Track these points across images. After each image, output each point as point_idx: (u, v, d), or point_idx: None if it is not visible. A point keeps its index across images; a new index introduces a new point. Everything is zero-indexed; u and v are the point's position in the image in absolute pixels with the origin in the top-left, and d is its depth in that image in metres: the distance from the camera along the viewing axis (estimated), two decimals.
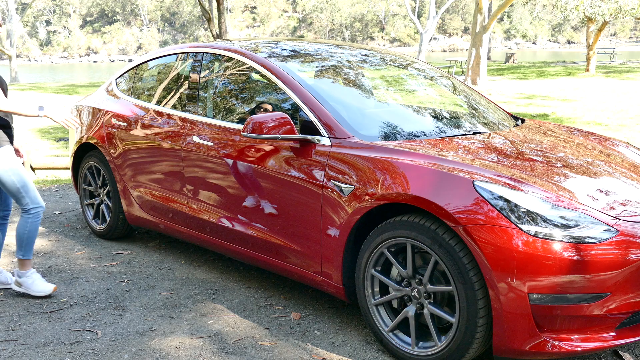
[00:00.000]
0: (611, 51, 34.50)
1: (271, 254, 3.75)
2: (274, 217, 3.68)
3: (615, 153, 3.82)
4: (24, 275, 4.02)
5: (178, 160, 4.28)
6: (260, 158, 3.74)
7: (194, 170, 4.18)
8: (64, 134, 11.88)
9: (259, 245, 3.81)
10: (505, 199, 2.80)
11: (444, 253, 2.87)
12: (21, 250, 4.01)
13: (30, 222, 4.00)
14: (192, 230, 4.31)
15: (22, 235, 4.00)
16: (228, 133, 4.00)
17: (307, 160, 3.47)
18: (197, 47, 4.63)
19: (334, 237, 3.33)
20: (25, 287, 4.02)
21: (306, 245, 3.51)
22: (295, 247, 3.58)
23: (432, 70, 4.86)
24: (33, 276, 4.02)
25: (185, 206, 4.31)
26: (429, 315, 3.04)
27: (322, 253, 3.42)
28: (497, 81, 22.02)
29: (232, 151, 3.91)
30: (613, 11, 22.02)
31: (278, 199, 3.63)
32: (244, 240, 3.89)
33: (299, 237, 3.54)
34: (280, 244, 3.67)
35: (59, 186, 7.32)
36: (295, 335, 3.47)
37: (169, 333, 3.51)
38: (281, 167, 3.60)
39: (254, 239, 3.82)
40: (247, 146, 3.83)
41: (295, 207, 3.54)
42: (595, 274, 2.69)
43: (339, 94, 4.05)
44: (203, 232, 4.21)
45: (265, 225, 3.75)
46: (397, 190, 3.06)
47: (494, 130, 3.96)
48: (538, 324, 2.75)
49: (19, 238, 4.00)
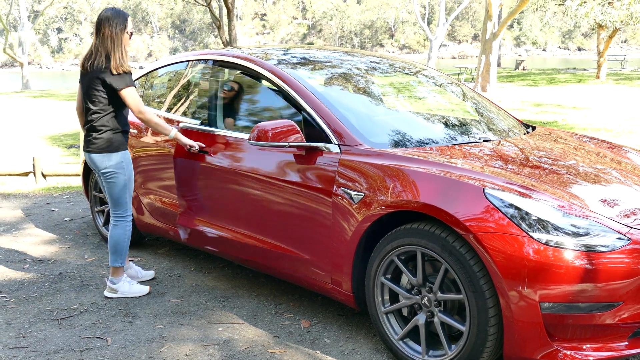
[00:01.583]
0: (622, 58, 34.36)
1: (281, 262, 3.74)
2: (283, 225, 3.67)
3: (626, 160, 3.80)
4: (119, 280, 4.13)
5: (188, 167, 4.28)
6: (268, 166, 3.74)
7: (203, 177, 4.18)
8: (74, 141, 11.93)
9: (268, 254, 3.80)
10: (516, 207, 2.79)
11: (455, 261, 2.86)
12: (120, 258, 4.14)
13: (128, 229, 4.15)
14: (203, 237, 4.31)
15: (121, 242, 4.13)
16: (237, 141, 4.00)
17: (317, 168, 3.47)
18: (207, 54, 4.64)
19: (343, 244, 3.32)
20: (122, 292, 4.13)
21: (316, 253, 3.50)
22: (306, 256, 3.57)
23: (441, 77, 4.85)
24: (127, 279, 4.17)
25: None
26: (439, 324, 3.03)
27: (332, 260, 3.41)
28: (507, 88, 21.97)
29: (240, 158, 3.91)
30: (624, 18, 21.93)
31: (287, 207, 3.62)
32: (254, 248, 3.89)
33: (309, 244, 3.53)
34: (291, 253, 3.65)
35: (69, 193, 7.35)
36: (305, 343, 3.46)
37: (178, 340, 3.51)
38: (290, 175, 3.59)
39: (264, 249, 3.81)
40: (255, 154, 3.83)
41: (304, 215, 3.53)
42: (607, 283, 2.66)
43: (348, 101, 4.05)
44: (214, 240, 4.21)
45: (274, 233, 3.74)
46: (407, 197, 3.05)
47: (504, 137, 3.94)
48: (549, 333, 2.73)
49: (117, 245, 4.12)
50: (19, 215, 6.30)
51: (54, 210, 6.50)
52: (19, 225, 5.94)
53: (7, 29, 33.30)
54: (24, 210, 6.53)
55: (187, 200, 4.36)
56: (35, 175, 8.13)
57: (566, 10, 23.70)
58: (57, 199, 7.00)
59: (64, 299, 4.13)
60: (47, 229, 5.81)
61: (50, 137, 12.80)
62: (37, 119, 15.99)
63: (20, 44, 34.77)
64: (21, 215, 6.32)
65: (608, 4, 22.45)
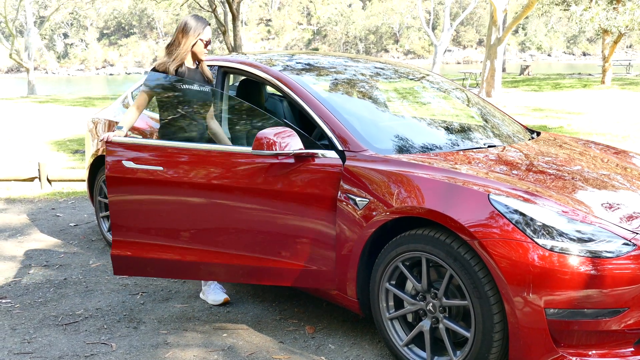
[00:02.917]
0: (627, 63, 34.31)
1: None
2: (286, 236, 3.54)
3: (631, 166, 3.79)
4: (206, 284, 4.17)
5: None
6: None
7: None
8: (79, 146, 11.96)
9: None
10: (520, 213, 2.78)
11: (459, 267, 2.85)
12: None
13: None
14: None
15: None
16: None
17: (321, 174, 3.44)
18: (212, 60, 4.65)
19: (348, 250, 3.32)
20: (204, 295, 4.18)
21: (321, 259, 3.46)
22: (312, 267, 3.47)
23: (446, 83, 4.85)
24: (212, 285, 4.17)
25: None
26: (444, 330, 3.02)
27: (336, 267, 3.40)
28: (511, 93, 21.94)
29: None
30: (629, 23, 21.90)
31: (291, 213, 3.51)
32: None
33: (314, 251, 3.48)
34: (293, 266, 3.52)
35: (74, 198, 7.37)
36: (310, 349, 3.46)
37: (183, 346, 3.51)
38: (293, 183, 3.46)
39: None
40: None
41: (308, 222, 3.48)
42: (613, 289, 2.66)
43: (353, 107, 4.05)
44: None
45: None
46: (412, 203, 3.05)
47: (509, 143, 3.94)
48: (555, 339, 2.72)
49: None
50: (24, 221, 6.32)
51: (59, 215, 6.52)
52: (24, 231, 5.95)
53: (13, 35, 33.44)
54: (29, 215, 6.54)
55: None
56: (41, 180, 8.15)
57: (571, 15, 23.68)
58: (62, 205, 7.02)
59: (68, 305, 4.14)
60: (52, 234, 5.82)
61: (56, 143, 12.83)
62: (43, 124, 16.03)
63: (26, 49, 34.91)
64: (26, 220, 6.34)
65: (613, 9, 22.43)
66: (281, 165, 3.48)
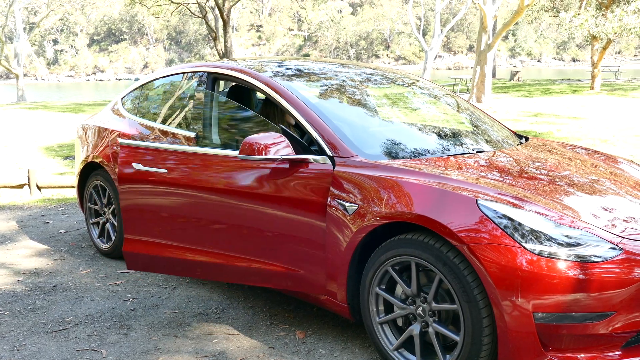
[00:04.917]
0: (616, 69, 34.55)
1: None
2: (276, 240, 3.58)
3: (619, 171, 3.82)
4: None
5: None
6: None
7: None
8: (70, 152, 11.93)
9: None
10: (509, 218, 2.80)
11: (449, 271, 2.87)
12: None
13: None
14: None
15: None
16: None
17: (310, 180, 3.46)
18: (203, 66, 4.66)
19: (338, 256, 3.33)
20: None
21: (310, 265, 3.48)
22: (301, 271, 3.51)
23: (436, 89, 4.88)
24: None
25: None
26: (433, 334, 3.04)
27: (326, 272, 3.41)
28: (502, 99, 22.06)
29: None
30: (617, 29, 22.06)
31: (280, 221, 3.54)
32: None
33: (303, 256, 3.51)
34: (283, 269, 3.57)
35: (64, 205, 7.35)
36: (300, 354, 3.46)
37: (173, 352, 3.51)
38: (282, 189, 3.51)
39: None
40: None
41: (298, 227, 3.50)
42: (600, 293, 2.68)
43: (343, 112, 4.06)
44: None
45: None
46: (402, 209, 3.06)
47: (498, 148, 3.97)
48: (543, 343, 2.74)
49: None
50: (14, 228, 6.29)
51: (49, 222, 6.50)
52: (14, 238, 5.93)
53: (2, 41, 33.34)
54: (19, 222, 6.52)
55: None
56: (30, 187, 8.13)
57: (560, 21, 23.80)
58: (52, 211, 7.00)
59: (58, 312, 4.12)
60: (42, 241, 5.80)
61: (46, 149, 12.80)
62: (33, 130, 15.98)
63: (15, 55, 34.84)
64: (16, 227, 6.32)
65: (601, 16, 22.59)
66: (276, 170, 3.53)
